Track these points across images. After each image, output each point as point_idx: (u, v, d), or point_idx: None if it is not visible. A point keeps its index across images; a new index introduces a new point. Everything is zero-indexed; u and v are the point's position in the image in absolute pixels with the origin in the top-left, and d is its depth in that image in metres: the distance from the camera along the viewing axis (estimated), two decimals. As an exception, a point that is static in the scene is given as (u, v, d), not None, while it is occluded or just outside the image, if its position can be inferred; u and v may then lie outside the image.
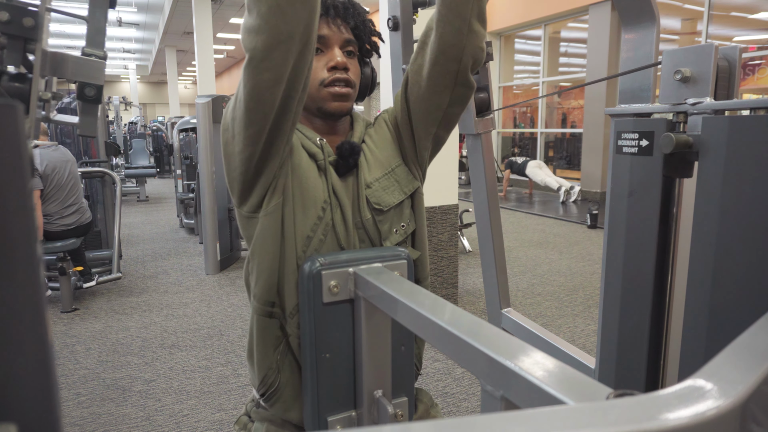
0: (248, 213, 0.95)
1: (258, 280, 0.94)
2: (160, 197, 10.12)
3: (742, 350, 0.46)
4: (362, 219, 0.98)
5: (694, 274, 0.84)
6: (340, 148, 0.97)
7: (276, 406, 0.98)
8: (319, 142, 0.97)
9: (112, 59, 22.58)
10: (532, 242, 5.97)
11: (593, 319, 3.62)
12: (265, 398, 0.98)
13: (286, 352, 0.96)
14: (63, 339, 3.39)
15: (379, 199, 0.99)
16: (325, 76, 0.95)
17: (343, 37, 0.96)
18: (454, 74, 0.95)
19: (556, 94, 10.95)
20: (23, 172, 0.25)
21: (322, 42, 0.95)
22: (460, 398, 2.63)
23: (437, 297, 0.74)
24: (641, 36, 1.10)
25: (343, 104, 0.97)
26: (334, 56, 0.95)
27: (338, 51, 0.96)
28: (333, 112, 0.97)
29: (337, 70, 0.95)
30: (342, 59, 0.95)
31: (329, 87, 0.95)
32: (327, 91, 0.95)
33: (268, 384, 0.97)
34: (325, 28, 0.94)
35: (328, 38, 0.95)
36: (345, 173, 0.98)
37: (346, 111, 0.99)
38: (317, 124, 1.01)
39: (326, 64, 0.95)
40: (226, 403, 2.58)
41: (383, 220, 1.00)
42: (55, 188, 3.70)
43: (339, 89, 0.95)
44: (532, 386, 0.47)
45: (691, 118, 0.90)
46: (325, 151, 0.97)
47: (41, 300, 0.26)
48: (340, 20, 0.96)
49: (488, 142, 1.73)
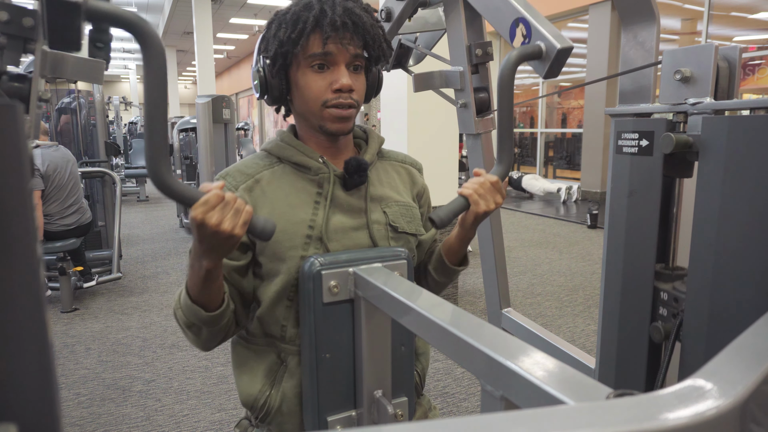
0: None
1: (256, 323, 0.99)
2: (160, 197, 10.10)
3: (742, 350, 0.46)
4: (371, 229, 0.98)
5: (694, 274, 0.84)
6: (347, 164, 0.96)
7: (271, 426, 0.99)
8: (321, 160, 0.97)
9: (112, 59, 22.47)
10: (532, 242, 5.97)
11: (593, 319, 3.62)
12: (258, 420, 1.00)
13: (281, 379, 0.97)
14: (63, 339, 3.39)
15: (395, 219, 1.01)
16: (329, 97, 0.92)
17: (349, 54, 0.91)
18: None
19: (556, 94, 10.95)
20: (23, 172, 0.25)
21: (328, 59, 0.91)
22: (460, 398, 2.63)
23: (437, 297, 0.74)
24: (641, 36, 1.10)
25: (343, 126, 0.95)
26: (339, 78, 0.91)
27: (344, 70, 0.91)
28: (333, 132, 0.95)
29: (341, 93, 0.92)
30: (347, 82, 0.91)
31: (331, 108, 0.92)
32: (329, 113, 0.93)
33: (257, 409, 0.98)
34: (332, 46, 0.90)
35: (334, 56, 0.90)
36: (352, 188, 0.98)
37: (346, 131, 0.97)
38: (320, 140, 0.99)
39: (330, 84, 0.91)
40: (226, 403, 2.58)
41: (396, 239, 1.01)
42: (56, 188, 3.70)
43: (341, 111, 0.93)
44: (532, 386, 0.47)
45: (691, 118, 0.90)
46: (330, 167, 0.97)
47: (41, 300, 0.26)
48: (350, 36, 0.91)
49: (488, 142, 1.73)
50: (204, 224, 0.75)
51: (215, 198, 0.76)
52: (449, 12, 1.53)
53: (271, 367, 0.97)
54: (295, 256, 0.92)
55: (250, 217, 0.79)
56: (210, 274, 0.83)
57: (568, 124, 10.61)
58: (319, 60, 0.90)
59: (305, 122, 0.98)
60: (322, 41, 0.88)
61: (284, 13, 0.93)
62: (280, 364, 0.97)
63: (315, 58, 0.90)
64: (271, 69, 0.93)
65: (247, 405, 0.99)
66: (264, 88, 0.95)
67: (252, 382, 0.97)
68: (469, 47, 1.52)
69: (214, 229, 0.75)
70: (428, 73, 1.61)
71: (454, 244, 1.04)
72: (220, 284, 0.88)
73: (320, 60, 0.90)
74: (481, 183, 0.95)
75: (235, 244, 0.80)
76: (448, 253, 1.06)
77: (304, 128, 1.00)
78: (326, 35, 0.87)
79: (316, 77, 0.91)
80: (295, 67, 0.92)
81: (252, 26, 15.83)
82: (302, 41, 0.88)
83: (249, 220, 0.79)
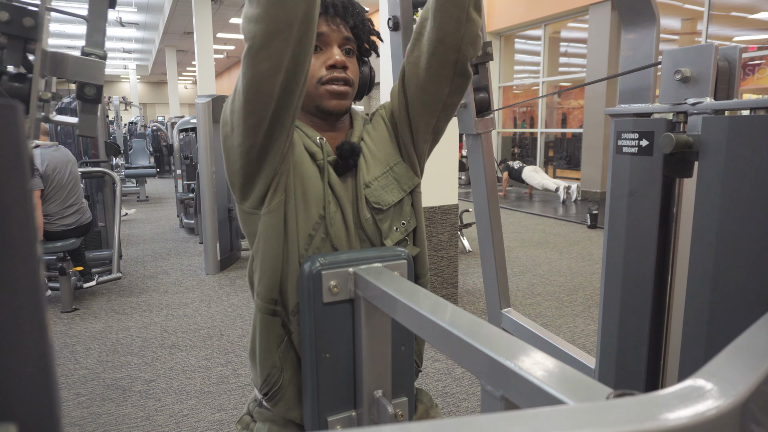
0: (250, 209, 0.95)
1: (261, 278, 0.94)
2: (160, 197, 10.12)
3: (742, 350, 0.46)
4: (361, 219, 0.98)
5: (694, 274, 0.84)
6: (340, 149, 0.97)
7: (279, 405, 0.98)
8: (319, 141, 0.97)
9: (112, 59, 22.57)
10: (532, 242, 5.97)
11: (593, 319, 3.62)
12: (267, 397, 0.98)
13: (288, 350, 0.97)
14: (63, 339, 3.39)
15: (378, 198, 0.99)
16: (324, 74, 0.95)
17: (342, 35, 0.96)
18: (453, 64, 0.95)
19: (556, 94, 10.95)
20: (23, 172, 0.25)
21: (321, 40, 0.95)
22: (460, 398, 2.63)
23: (437, 297, 0.74)
24: (641, 36, 1.10)
25: (341, 102, 0.97)
26: (333, 55, 0.95)
27: (337, 49, 0.96)
28: (331, 110, 0.97)
29: (335, 69, 0.95)
30: (341, 57, 0.95)
31: (327, 85, 0.95)
32: (325, 89, 0.95)
33: (271, 383, 0.97)
34: (324, 26, 0.94)
35: (326, 36, 0.95)
36: (344, 173, 0.98)
37: (344, 109, 0.99)
38: (317, 122, 1.01)
39: (325, 62, 0.95)
40: (226, 403, 2.58)
41: (383, 219, 1.00)
42: (56, 188, 3.70)
43: (337, 87, 0.95)
44: (532, 386, 0.47)
45: (691, 118, 0.90)
46: (325, 151, 0.97)
47: (41, 300, 0.26)
48: (339, 19, 0.96)
49: (488, 142, 1.73)
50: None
51: None
52: (449, 12, 1.53)
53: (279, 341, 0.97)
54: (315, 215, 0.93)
55: None
56: None
57: (568, 124, 10.62)
58: None
59: (302, 107, 0.99)
60: None
61: None
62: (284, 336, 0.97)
63: None
64: None
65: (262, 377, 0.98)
66: None
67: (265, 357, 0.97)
68: (469, 47, 1.51)
69: None
70: (428, 73, 1.61)
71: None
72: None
73: None
74: None
75: None
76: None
77: (300, 114, 1.01)
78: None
79: None
80: None
81: (252, 26, 15.77)
82: None
83: None
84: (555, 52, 10.49)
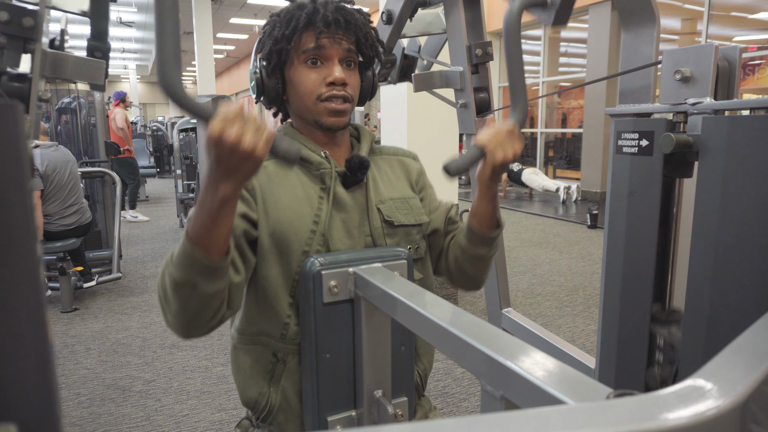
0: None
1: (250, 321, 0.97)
2: (160, 197, 10.11)
3: (742, 350, 0.46)
4: (371, 227, 0.98)
5: (694, 274, 0.84)
6: (349, 162, 0.96)
7: (272, 426, 0.99)
8: (323, 155, 0.97)
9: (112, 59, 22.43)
10: (532, 242, 5.97)
11: (593, 319, 3.62)
12: (259, 420, 0.99)
13: (279, 378, 0.97)
14: (63, 339, 3.39)
15: (391, 213, 1.00)
16: (323, 91, 0.93)
17: (343, 49, 0.93)
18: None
19: (556, 94, 10.95)
20: (23, 172, 0.25)
21: (322, 54, 0.92)
22: (460, 398, 2.63)
23: (437, 297, 0.74)
24: (641, 36, 1.10)
25: (339, 119, 0.95)
26: (333, 72, 0.92)
27: (337, 66, 0.93)
28: (329, 126, 0.96)
29: (334, 86, 0.93)
30: (340, 75, 0.92)
31: (326, 102, 0.93)
32: (324, 107, 0.94)
33: (259, 410, 0.97)
34: (325, 40, 0.91)
35: (327, 50, 0.92)
36: (351, 185, 0.98)
37: (343, 126, 0.97)
38: (317, 136, 0.99)
39: (324, 78, 0.93)
40: (226, 403, 2.58)
41: (392, 234, 0.99)
42: (56, 188, 3.70)
43: (335, 105, 0.93)
44: (532, 386, 0.47)
45: (691, 118, 0.90)
46: (332, 163, 0.96)
47: (41, 300, 0.26)
48: (342, 32, 0.93)
49: (488, 142, 1.72)
50: (222, 141, 0.67)
51: (235, 111, 0.67)
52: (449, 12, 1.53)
53: (268, 368, 0.97)
54: (298, 251, 0.92)
55: (272, 137, 0.70)
56: (224, 206, 0.74)
57: (568, 124, 10.61)
58: (312, 55, 0.92)
59: (301, 120, 0.99)
60: (315, 37, 0.90)
61: (278, 13, 0.96)
62: (276, 363, 0.97)
63: (308, 53, 0.92)
64: (266, 68, 0.95)
65: (248, 406, 0.99)
66: (260, 89, 0.97)
67: (251, 384, 0.97)
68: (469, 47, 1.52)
69: (233, 146, 0.67)
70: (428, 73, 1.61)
71: (479, 206, 0.98)
72: (230, 227, 0.78)
73: (313, 55, 0.92)
74: (496, 130, 0.91)
75: (256, 168, 0.71)
76: (477, 219, 1.00)
77: (301, 126, 1.00)
78: (319, 31, 0.90)
79: (310, 72, 0.93)
80: (290, 65, 0.95)
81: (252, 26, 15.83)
82: (295, 38, 0.91)
83: (272, 139, 0.70)
84: (555, 52, 10.49)
